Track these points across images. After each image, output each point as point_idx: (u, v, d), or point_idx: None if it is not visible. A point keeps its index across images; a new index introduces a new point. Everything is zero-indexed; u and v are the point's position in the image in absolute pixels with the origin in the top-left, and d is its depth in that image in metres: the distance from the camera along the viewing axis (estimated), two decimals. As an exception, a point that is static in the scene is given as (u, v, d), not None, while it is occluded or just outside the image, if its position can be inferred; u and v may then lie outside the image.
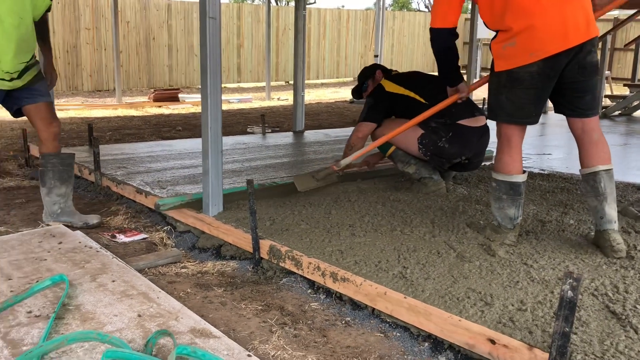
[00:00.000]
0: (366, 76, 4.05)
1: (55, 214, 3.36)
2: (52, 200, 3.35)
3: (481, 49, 18.09)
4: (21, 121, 7.82)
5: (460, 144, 3.59)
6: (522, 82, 2.59)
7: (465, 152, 3.64)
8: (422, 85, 3.72)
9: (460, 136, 3.58)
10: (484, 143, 3.74)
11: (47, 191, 3.35)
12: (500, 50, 2.65)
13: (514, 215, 2.74)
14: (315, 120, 8.48)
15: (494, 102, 2.75)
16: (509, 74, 2.62)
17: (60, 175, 3.36)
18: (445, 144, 3.56)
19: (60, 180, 3.36)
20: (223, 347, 1.92)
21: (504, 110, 2.70)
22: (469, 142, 3.62)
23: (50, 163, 3.33)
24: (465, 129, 3.59)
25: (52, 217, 3.36)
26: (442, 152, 3.60)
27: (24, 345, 1.89)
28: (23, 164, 5.03)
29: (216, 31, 2.96)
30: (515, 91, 2.63)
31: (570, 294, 1.65)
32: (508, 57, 2.61)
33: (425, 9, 30.31)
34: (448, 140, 3.56)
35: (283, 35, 15.11)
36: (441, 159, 3.64)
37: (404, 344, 2.11)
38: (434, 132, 3.58)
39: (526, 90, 2.61)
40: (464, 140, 3.59)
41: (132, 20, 12.74)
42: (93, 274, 2.50)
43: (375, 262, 2.52)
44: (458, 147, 3.59)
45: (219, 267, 2.82)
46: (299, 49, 6.52)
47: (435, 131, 3.58)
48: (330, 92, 13.68)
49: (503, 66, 2.64)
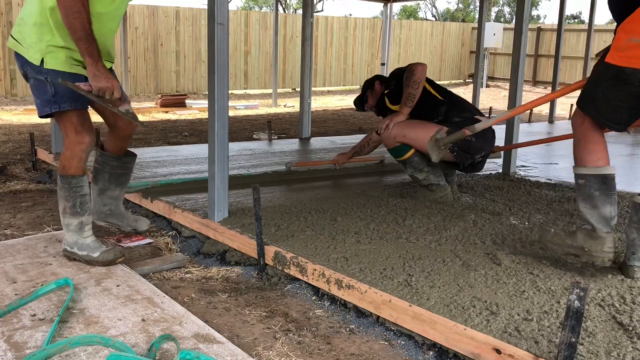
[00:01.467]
0: (366, 87, 4.02)
1: (104, 214, 3.05)
2: (103, 201, 3.04)
3: (488, 58, 18.11)
4: (29, 124, 7.88)
5: (484, 139, 3.59)
6: (629, 85, 2.27)
7: (485, 148, 3.65)
8: (435, 85, 3.78)
9: (484, 131, 3.55)
10: (493, 143, 3.76)
11: (99, 192, 3.03)
12: (622, 42, 2.26)
13: (610, 215, 2.40)
14: (322, 128, 8.49)
15: (589, 90, 2.43)
16: (618, 70, 2.29)
17: (117, 179, 3.04)
18: (472, 138, 3.45)
19: (115, 183, 3.04)
20: (227, 352, 1.92)
21: (594, 104, 2.40)
22: (488, 137, 3.64)
23: (110, 165, 2.99)
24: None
25: (101, 217, 3.05)
26: (469, 147, 3.55)
27: (28, 349, 1.89)
28: (30, 167, 5.05)
29: (224, 37, 2.97)
30: (616, 91, 2.31)
31: (577, 304, 1.64)
32: (627, 53, 2.25)
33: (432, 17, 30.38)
34: (474, 134, 3.52)
35: (290, 43, 15.16)
36: (467, 154, 3.58)
37: (409, 353, 2.09)
38: (459, 127, 3.54)
39: (628, 95, 2.29)
40: (485, 135, 3.59)
41: (141, 26, 12.82)
42: (98, 278, 2.50)
43: (381, 270, 2.50)
44: (482, 141, 3.59)
45: (223, 273, 2.82)
46: (306, 56, 6.54)
47: (461, 126, 3.54)
48: (337, 100, 13.70)
49: (617, 60, 2.29)
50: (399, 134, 3.60)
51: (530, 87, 17.29)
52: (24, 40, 2.52)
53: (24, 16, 2.54)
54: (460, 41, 19.24)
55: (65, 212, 2.69)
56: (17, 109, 9.85)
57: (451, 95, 3.77)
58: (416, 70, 3.60)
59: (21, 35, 2.53)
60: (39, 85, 2.52)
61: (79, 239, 2.71)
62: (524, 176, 4.74)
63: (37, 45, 2.48)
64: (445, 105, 3.66)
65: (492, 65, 18.86)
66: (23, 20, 2.53)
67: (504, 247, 2.86)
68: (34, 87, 2.56)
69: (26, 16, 2.52)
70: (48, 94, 2.51)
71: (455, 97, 3.80)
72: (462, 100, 3.82)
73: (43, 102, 2.54)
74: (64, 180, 2.64)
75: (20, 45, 2.53)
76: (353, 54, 16.71)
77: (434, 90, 3.71)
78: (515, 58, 4.59)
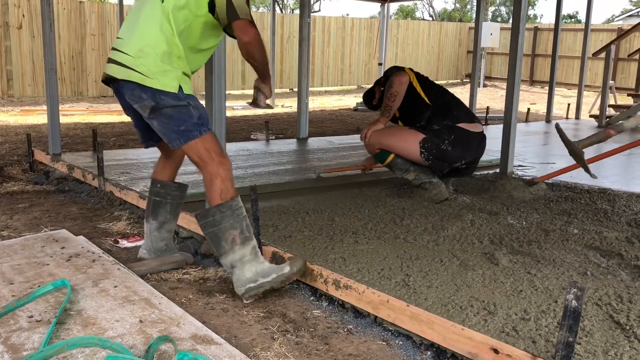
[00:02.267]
0: (376, 83, 4.05)
1: (160, 250, 2.88)
2: (161, 236, 2.86)
3: (485, 58, 18.13)
4: (26, 125, 7.87)
5: (462, 147, 3.60)
6: None
7: (465, 156, 3.65)
8: (428, 86, 3.77)
9: (462, 139, 3.59)
10: (481, 149, 3.76)
11: (159, 226, 2.85)
12: None
13: None
14: (319, 128, 8.49)
15: None
16: None
17: (176, 209, 2.89)
18: (448, 147, 3.56)
19: (174, 215, 2.89)
20: (224, 353, 1.91)
21: None
22: (470, 145, 3.64)
23: (172, 195, 2.84)
24: (466, 132, 3.61)
25: (157, 253, 2.87)
26: (444, 155, 3.59)
27: (25, 350, 1.88)
28: (27, 168, 5.04)
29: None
30: None
31: (575, 304, 1.64)
32: None
33: (430, 17, 30.39)
34: (451, 143, 3.56)
35: (287, 43, 15.15)
36: (443, 163, 3.64)
37: (407, 353, 2.09)
38: (436, 135, 3.59)
39: None
40: (465, 144, 3.60)
41: (138, 26, 12.79)
42: (95, 279, 2.49)
43: (378, 270, 2.51)
44: (460, 150, 3.60)
45: (221, 274, 2.81)
46: (304, 57, 6.54)
47: (437, 134, 3.59)
48: (334, 100, 13.70)
49: None
50: (377, 142, 3.72)
51: (528, 87, 17.32)
52: (151, 71, 2.37)
53: (144, 47, 2.40)
54: (457, 41, 19.25)
55: (234, 244, 2.42)
56: (14, 109, 9.83)
57: (443, 98, 3.73)
58: (394, 83, 3.67)
59: (147, 68, 2.37)
60: (181, 112, 2.39)
61: (258, 266, 2.44)
62: (521, 176, 4.74)
63: (171, 73, 2.39)
64: (429, 111, 3.68)
65: (490, 64, 18.88)
66: (144, 51, 2.39)
67: (501, 246, 2.86)
68: (173, 116, 2.39)
69: (148, 46, 2.39)
70: (194, 118, 2.40)
71: (446, 100, 3.74)
72: (453, 105, 3.75)
73: (189, 126, 2.39)
74: (226, 207, 2.40)
75: (148, 77, 2.37)
76: (350, 54, 16.72)
77: (423, 93, 3.71)
78: (512, 57, 4.60)
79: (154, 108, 2.40)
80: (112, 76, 2.47)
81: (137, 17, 2.50)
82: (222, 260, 2.47)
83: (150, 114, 2.42)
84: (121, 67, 2.43)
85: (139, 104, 2.43)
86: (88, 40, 12.14)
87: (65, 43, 11.84)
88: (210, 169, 2.42)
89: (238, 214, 2.43)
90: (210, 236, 2.45)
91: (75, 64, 12.05)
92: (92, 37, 12.19)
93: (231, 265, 2.44)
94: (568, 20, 27.22)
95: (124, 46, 2.46)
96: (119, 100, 2.61)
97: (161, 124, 2.43)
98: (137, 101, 2.42)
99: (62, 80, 11.80)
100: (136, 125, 2.70)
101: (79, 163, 4.64)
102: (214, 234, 2.42)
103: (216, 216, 2.41)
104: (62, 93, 11.67)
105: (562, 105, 11.23)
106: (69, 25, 11.89)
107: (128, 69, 2.41)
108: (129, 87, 2.42)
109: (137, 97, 2.41)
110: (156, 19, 2.43)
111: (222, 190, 2.41)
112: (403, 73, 3.72)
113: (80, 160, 4.77)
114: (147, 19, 2.45)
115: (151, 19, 2.44)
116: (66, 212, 3.84)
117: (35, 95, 11.62)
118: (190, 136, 2.40)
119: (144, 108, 2.42)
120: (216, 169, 2.41)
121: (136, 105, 2.45)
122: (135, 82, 2.39)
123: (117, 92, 2.55)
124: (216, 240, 2.43)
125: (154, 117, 2.43)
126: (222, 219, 2.41)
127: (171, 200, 2.87)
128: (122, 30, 2.57)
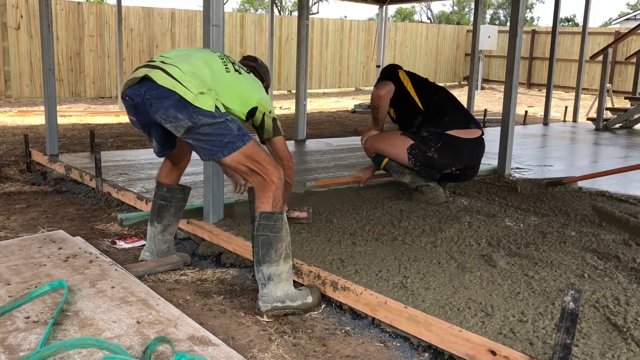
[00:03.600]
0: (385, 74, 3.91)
1: (163, 253, 2.92)
2: (165, 238, 2.91)
3: (482, 60, 18.17)
4: (23, 126, 7.86)
5: (451, 155, 3.59)
6: None
7: (455, 163, 3.64)
8: (423, 89, 3.75)
9: (450, 146, 3.58)
10: (477, 155, 3.74)
11: (163, 229, 2.90)
12: None
13: None
14: (317, 129, 8.49)
15: None
16: None
17: (179, 212, 2.95)
18: (434, 154, 3.57)
19: (177, 217, 2.94)
20: (222, 355, 1.91)
21: None
22: (460, 153, 3.62)
23: (176, 198, 2.90)
24: (456, 140, 3.59)
25: (160, 256, 2.91)
26: (431, 163, 3.61)
27: (22, 351, 1.88)
28: (24, 169, 5.03)
29: (219, 39, 2.97)
30: None
31: (572, 306, 1.64)
32: None
33: (428, 20, 30.44)
34: (437, 150, 3.57)
35: (286, 45, 15.16)
36: (431, 170, 3.65)
37: (404, 354, 2.09)
38: (423, 142, 3.60)
39: None
40: (454, 151, 3.60)
41: (136, 27, 12.79)
42: (92, 280, 2.49)
43: (376, 272, 2.50)
44: (448, 157, 3.59)
45: (218, 275, 2.81)
46: (302, 59, 6.54)
47: (425, 141, 3.60)
48: (332, 102, 13.70)
49: None
50: (371, 147, 3.83)
51: (525, 90, 17.35)
52: (195, 89, 2.34)
53: (196, 72, 2.39)
54: (455, 43, 19.28)
55: (280, 257, 2.34)
56: (11, 110, 9.81)
57: (438, 103, 3.68)
58: (373, 97, 3.78)
59: (192, 85, 2.34)
60: (220, 127, 2.36)
61: (289, 288, 2.38)
62: (519, 178, 4.75)
63: (209, 95, 2.37)
64: (421, 117, 3.68)
65: (487, 67, 18.91)
66: (195, 75, 2.38)
67: (499, 248, 2.86)
68: (212, 133, 2.35)
69: (198, 74, 2.39)
70: (234, 130, 2.37)
71: (440, 106, 3.69)
72: (448, 110, 3.69)
73: (231, 138, 2.35)
74: (275, 217, 2.34)
75: (190, 92, 2.33)
76: (348, 56, 16.73)
77: (417, 98, 3.69)
78: (510, 60, 4.61)
79: (190, 128, 2.34)
80: (153, 81, 2.35)
81: (195, 53, 2.54)
82: (261, 267, 2.34)
83: (186, 133, 2.36)
84: (168, 76, 2.35)
85: (173, 124, 2.35)
86: (86, 41, 12.13)
87: (64, 44, 11.83)
88: (267, 179, 2.36)
89: (287, 227, 2.39)
90: (263, 240, 2.33)
91: (73, 65, 12.04)
92: (91, 38, 12.18)
93: (268, 278, 2.33)
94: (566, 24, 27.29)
95: (176, 63, 2.41)
96: (132, 114, 2.50)
97: (199, 141, 2.37)
98: (172, 122, 2.34)
99: (60, 81, 11.79)
100: (152, 138, 2.66)
101: (77, 164, 4.63)
102: (269, 239, 2.32)
103: (278, 222, 2.33)
104: (59, 94, 11.66)
105: (560, 108, 11.25)
106: (67, 26, 11.87)
107: (174, 80, 2.34)
108: (163, 106, 2.33)
109: (172, 117, 2.33)
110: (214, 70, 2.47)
111: (275, 199, 2.35)
112: (384, 84, 3.71)
113: (77, 161, 4.76)
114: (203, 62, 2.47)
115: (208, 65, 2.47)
116: (63, 212, 3.83)
117: (32, 96, 11.60)
118: (234, 147, 2.35)
119: (179, 128, 2.35)
120: (271, 178, 2.36)
121: (169, 125, 2.37)
122: (177, 94, 2.31)
123: (136, 107, 2.43)
124: (267, 246, 2.32)
125: (189, 135, 2.37)
126: (281, 227, 2.34)
127: (175, 203, 2.91)
128: (171, 54, 2.52)
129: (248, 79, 2.60)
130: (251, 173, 2.39)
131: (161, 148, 2.72)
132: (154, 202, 2.91)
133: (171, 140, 2.69)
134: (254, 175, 2.38)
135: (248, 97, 2.56)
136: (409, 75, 3.83)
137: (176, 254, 2.97)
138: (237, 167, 2.40)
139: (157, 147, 2.72)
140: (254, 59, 2.92)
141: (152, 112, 2.37)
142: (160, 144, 2.69)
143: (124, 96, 2.44)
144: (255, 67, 2.86)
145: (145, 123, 2.53)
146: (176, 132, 2.39)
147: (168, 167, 2.91)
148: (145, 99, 2.36)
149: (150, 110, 2.37)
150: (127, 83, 2.46)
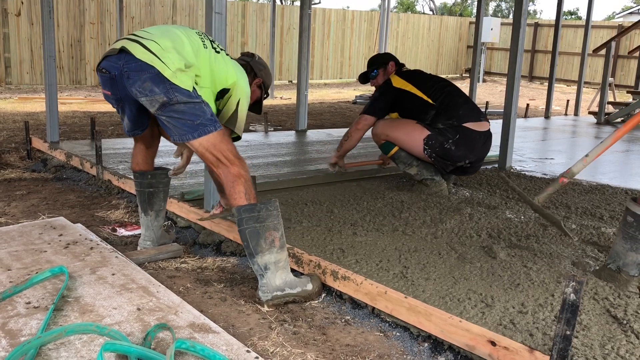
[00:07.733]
0: (378, 64, 3.92)
1: (159, 238, 2.96)
2: (159, 224, 2.94)
3: (485, 53, 18.11)
4: (23, 112, 7.84)
5: (467, 147, 3.58)
6: None
7: (469, 156, 3.63)
8: (428, 85, 3.72)
9: (467, 139, 3.57)
10: (486, 148, 3.73)
11: (156, 215, 2.91)
12: None
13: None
14: (318, 120, 8.48)
15: None
16: None
17: (166, 195, 2.98)
18: (452, 146, 3.55)
19: (165, 200, 2.96)
20: (222, 342, 1.91)
21: None
22: (474, 145, 3.61)
23: (163, 183, 2.90)
24: (472, 132, 3.58)
25: (158, 241, 2.94)
26: (447, 154, 3.58)
27: (22, 336, 1.88)
28: (25, 156, 5.03)
29: (222, 26, 2.95)
30: None
31: (573, 297, 1.64)
32: None
33: (430, 11, 30.31)
34: (455, 143, 3.55)
35: (287, 35, 15.10)
36: (446, 162, 3.63)
37: (404, 344, 2.10)
38: (440, 134, 3.57)
39: None
40: (470, 144, 3.58)
41: (137, 15, 12.74)
42: (93, 267, 2.49)
43: (376, 262, 2.51)
44: (464, 149, 3.58)
45: (219, 263, 2.81)
46: (303, 49, 6.51)
47: (443, 133, 3.57)
48: (334, 92, 13.68)
49: None
50: (382, 133, 3.72)
51: (527, 83, 17.31)
52: (173, 65, 2.31)
53: (176, 47, 2.36)
54: (457, 35, 19.21)
55: (273, 246, 2.35)
56: (11, 97, 9.79)
57: (447, 97, 3.66)
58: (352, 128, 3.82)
59: (170, 61, 2.31)
60: (194, 107, 2.34)
61: (287, 276, 2.39)
62: (519, 171, 4.75)
63: (188, 74, 2.35)
64: (434, 110, 3.63)
65: (489, 60, 18.85)
66: (176, 50, 2.35)
67: (499, 240, 2.87)
68: (186, 111, 2.33)
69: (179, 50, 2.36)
70: (207, 114, 2.36)
71: (452, 98, 3.68)
72: (460, 102, 3.67)
73: (204, 121, 2.34)
74: (258, 208, 2.34)
75: (168, 69, 2.30)
76: (350, 47, 16.67)
77: (423, 94, 3.66)
78: (512, 53, 4.59)
79: (165, 103, 2.31)
80: (132, 54, 2.31)
81: (176, 30, 2.48)
82: (255, 259, 2.34)
83: (160, 109, 2.33)
84: (147, 51, 2.32)
85: (148, 98, 2.32)
86: (87, 29, 12.08)
87: (64, 31, 11.78)
88: (232, 170, 2.37)
89: (279, 217, 2.39)
90: (249, 232, 2.32)
91: (74, 53, 12.00)
92: (91, 25, 12.13)
93: (265, 268, 2.34)
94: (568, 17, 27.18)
95: (156, 38, 2.38)
96: (108, 88, 2.46)
97: (172, 118, 2.35)
98: (147, 95, 2.31)
99: (61, 68, 11.75)
100: (125, 115, 2.60)
101: (77, 151, 4.62)
102: (255, 230, 2.32)
103: (262, 212, 2.33)
104: (60, 82, 11.63)
105: (561, 101, 11.23)
106: (68, 13, 11.82)
107: (153, 55, 2.30)
108: (140, 78, 2.31)
109: (148, 90, 2.30)
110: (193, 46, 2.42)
111: (247, 192, 2.36)
112: (366, 119, 3.75)
113: (78, 149, 4.75)
114: (184, 38, 2.42)
115: (189, 41, 2.42)
116: (64, 199, 3.83)
117: (33, 83, 11.57)
118: (205, 130, 2.34)
119: (153, 102, 2.33)
120: (238, 170, 2.37)
121: (144, 99, 2.33)
122: (155, 68, 2.29)
123: (113, 80, 2.39)
124: (255, 237, 2.32)
125: (163, 112, 2.35)
126: (267, 217, 2.34)
127: (163, 187, 2.91)
128: (153, 30, 2.47)
129: (225, 60, 2.55)
130: (218, 163, 2.38)
131: (133, 126, 2.64)
132: (141, 192, 2.87)
133: (144, 119, 2.63)
134: (221, 167, 2.38)
135: (221, 76, 2.51)
136: (404, 75, 3.79)
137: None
138: (205, 155, 2.39)
139: (129, 125, 2.64)
140: (250, 55, 2.87)
141: (129, 85, 2.34)
142: (132, 121, 2.62)
143: (101, 68, 2.42)
144: (249, 62, 2.79)
145: (119, 97, 2.48)
146: (150, 107, 2.36)
147: (142, 153, 2.86)
148: (123, 71, 2.34)
149: (127, 82, 2.34)
150: (104, 55, 2.43)
